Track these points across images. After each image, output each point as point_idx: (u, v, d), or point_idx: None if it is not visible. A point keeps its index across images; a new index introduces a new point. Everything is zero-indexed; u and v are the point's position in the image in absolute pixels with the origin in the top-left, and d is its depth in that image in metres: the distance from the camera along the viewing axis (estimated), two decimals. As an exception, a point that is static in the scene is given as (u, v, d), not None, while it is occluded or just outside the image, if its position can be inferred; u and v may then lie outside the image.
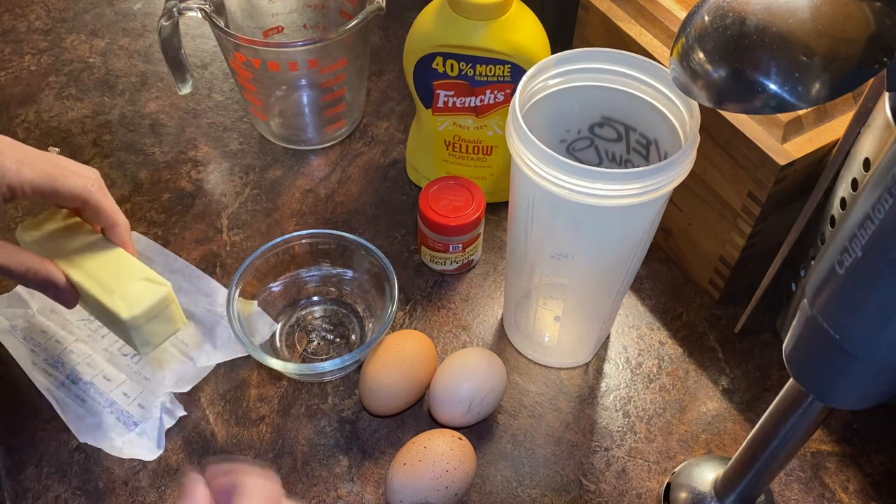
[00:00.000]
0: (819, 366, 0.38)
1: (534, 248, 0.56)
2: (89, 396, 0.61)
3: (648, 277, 0.70)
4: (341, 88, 0.74)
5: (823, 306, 0.36)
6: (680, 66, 0.45)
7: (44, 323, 0.65)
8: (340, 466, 0.59)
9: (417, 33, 0.64)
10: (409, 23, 0.65)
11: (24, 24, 0.90)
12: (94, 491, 0.58)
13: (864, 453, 0.60)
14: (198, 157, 0.78)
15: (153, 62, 0.87)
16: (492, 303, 0.69)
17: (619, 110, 0.56)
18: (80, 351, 0.63)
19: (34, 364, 0.63)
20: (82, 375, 0.62)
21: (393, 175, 0.77)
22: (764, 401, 0.63)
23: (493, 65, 0.62)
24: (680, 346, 0.66)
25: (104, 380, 0.62)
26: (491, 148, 0.70)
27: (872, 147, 0.52)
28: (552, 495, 0.58)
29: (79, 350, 0.63)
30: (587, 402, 0.63)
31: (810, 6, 0.41)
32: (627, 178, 0.47)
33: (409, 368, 0.59)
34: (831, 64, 0.40)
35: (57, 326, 0.65)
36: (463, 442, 0.56)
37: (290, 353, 0.65)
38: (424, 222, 0.66)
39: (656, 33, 0.64)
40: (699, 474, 0.57)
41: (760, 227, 0.61)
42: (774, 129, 0.56)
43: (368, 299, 0.65)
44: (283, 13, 0.77)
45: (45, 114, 0.81)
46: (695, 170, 0.59)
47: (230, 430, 0.61)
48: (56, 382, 0.62)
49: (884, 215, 0.32)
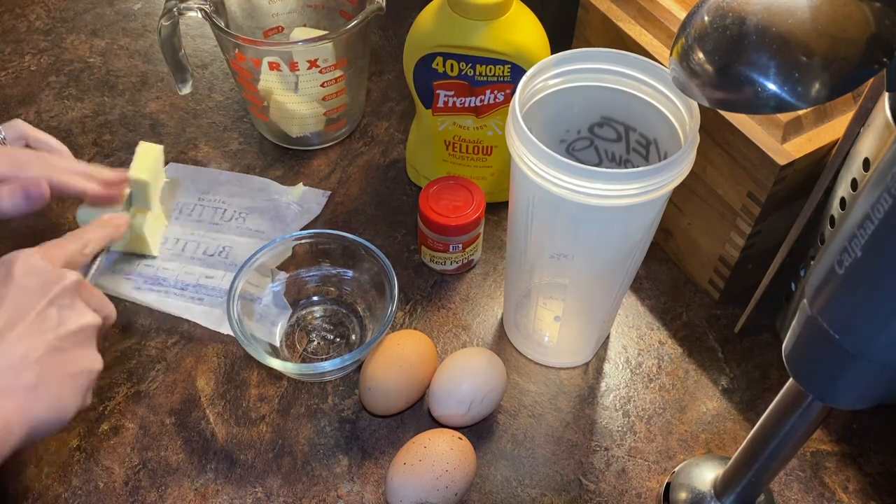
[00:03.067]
0: (819, 366, 0.38)
1: (534, 248, 0.56)
2: (205, 294, 0.68)
3: (648, 277, 0.70)
4: (341, 88, 0.74)
5: (823, 306, 0.36)
6: (680, 66, 0.45)
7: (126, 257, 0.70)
8: (340, 466, 0.59)
9: (417, 33, 0.64)
10: (409, 23, 0.65)
11: (25, 24, 0.90)
12: (94, 491, 0.58)
13: (863, 453, 0.60)
14: (198, 157, 0.78)
15: (153, 62, 0.87)
16: (492, 303, 0.69)
17: (618, 110, 0.56)
18: (171, 267, 0.69)
19: (138, 289, 0.68)
20: (188, 282, 0.68)
21: (393, 175, 0.77)
22: (764, 401, 0.63)
23: (493, 65, 0.62)
24: (680, 345, 0.66)
25: (207, 279, 0.69)
26: (491, 148, 0.70)
27: (872, 147, 0.52)
28: (552, 495, 0.58)
29: (171, 266, 0.69)
30: (587, 401, 0.63)
31: (810, 6, 0.41)
32: (627, 178, 0.47)
33: (409, 368, 0.59)
34: (831, 64, 0.40)
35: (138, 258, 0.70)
36: (463, 442, 0.56)
37: (290, 352, 0.65)
38: (424, 222, 0.66)
39: (656, 33, 0.64)
40: (699, 474, 0.57)
41: (760, 227, 0.61)
42: (774, 129, 0.56)
43: (368, 299, 0.65)
44: (283, 13, 0.78)
45: (45, 114, 0.81)
46: (694, 170, 0.59)
47: (230, 430, 0.61)
48: (169, 295, 0.67)
49: (883, 215, 0.32)
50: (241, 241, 0.71)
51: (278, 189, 0.74)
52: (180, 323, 0.66)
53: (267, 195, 0.74)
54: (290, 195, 0.74)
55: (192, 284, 0.68)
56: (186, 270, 0.69)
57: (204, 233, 0.72)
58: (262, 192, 0.74)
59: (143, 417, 0.61)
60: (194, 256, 0.70)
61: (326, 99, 0.74)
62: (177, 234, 0.71)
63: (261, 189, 0.75)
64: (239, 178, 0.76)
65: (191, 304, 0.67)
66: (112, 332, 0.65)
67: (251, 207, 0.73)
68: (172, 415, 0.61)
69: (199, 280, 0.68)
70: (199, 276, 0.69)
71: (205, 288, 0.68)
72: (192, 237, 0.71)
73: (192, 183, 0.75)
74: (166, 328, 0.66)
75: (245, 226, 0.72)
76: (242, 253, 0.70)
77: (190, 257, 0.70)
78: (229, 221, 0.72)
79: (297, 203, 0.73)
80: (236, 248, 0.71)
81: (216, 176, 0.76)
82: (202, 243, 0.71)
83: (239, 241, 0.71)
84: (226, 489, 0.58)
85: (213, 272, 0.69)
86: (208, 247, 0.71)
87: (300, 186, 0.74)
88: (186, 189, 0.75)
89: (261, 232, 0.72)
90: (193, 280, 0.68)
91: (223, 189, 0.75)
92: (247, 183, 0.75)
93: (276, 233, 0.71)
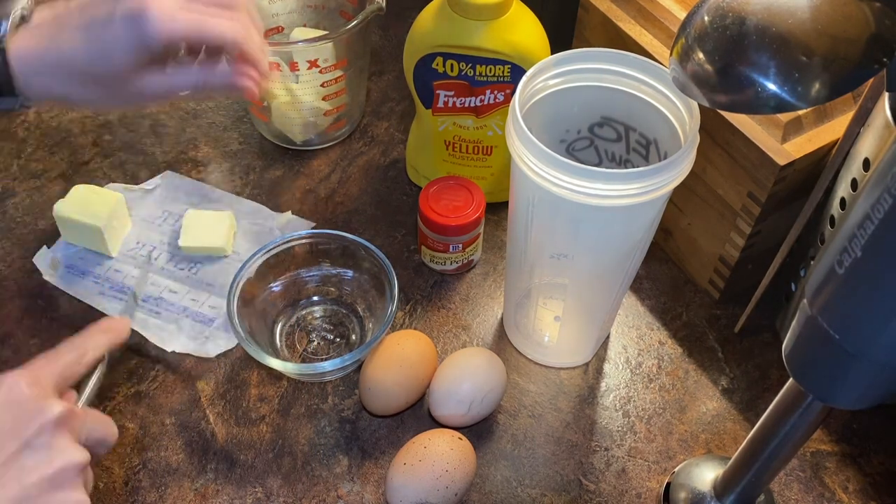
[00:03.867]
0: (819, 366, 0.39)
1: (534, 248, 0.56)
2: (163, 308, 0.67)
3: (648, 277, 0.70)
4: (341, 88, 0.74)
5: (823, 306, 0.36)
6: (680, 67, 0.45)
7: (98, 258, 0.70)
8: (340, 466, 0.59)
9: (417, 33, 0.64)
10: (409, 23, 0.65)
11: (25, 24, 0.90)
12: (94, 491, 0.58)
13: (863, 453, 0.60)
14: (198, 157, 0.78)
15: (153, 62, 0.87)
16: (492, 303, 0.69)
17: (618, 110, 0.56)
18: (139, 275, 0.69)
19: (102, 294, 0.67)
20: (150, 293, 0.68)
21: (393, 175, 0.77)
22: (764, 401, 0.63)
23: (493, 65, 0.62)
24: (680, 345, 0.66)
25: (171, 293, 0.68)
26: (491, 148, 0.70)
27: (872, 147, 0.52)
28: (552, 495, 0.58)
29: (138, 275, 0.69)
30: (587, 401, 0.63)
31: (810, 6, 0.41)
32: (627, 178, 0.47)
33: (409, 368, 0.59)
34: (831, 64, 0.40)
35: (111, 261, 0.70)
36: (463, 442, 0.56)
37: (290, 353, 0.65)
38: (424, 222, 0.66)
39: (656, 33, 0.64)
40: (699, 474, 0.57)
41: (760, 227, 0.61)
42: (774, 129, 0.56)
43: (368, 299, 0.65)
44: (283, 13, 0.78)
45: (45, 114, 0.81)
46: (694, 170, 0.59)
47: (230, 430, 0.61)
48: (128, 304, 0.66)
49: (883, 215, 0.32)
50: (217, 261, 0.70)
51: (267, 215, 0.73)
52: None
53: (254, 218, 0.73)
54: (276, 221, 0.72)
55: (155, 297, 0.67)
56: (151, 280, 0.68)
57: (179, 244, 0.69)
58: (251, 214, 0.73)
59: (143, 417, 0.61)
60: (163, 267, 0.69)
61: (326, 99, 0.74)
62: (153, 241, 0.71)
63: (250, 212, 0.73)
64: (231, 198, 0.74)
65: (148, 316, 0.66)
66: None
67: (237, 228, 0.72)
68: (172, 415, 0.61)
69: (162, 293, 0.68)
70: (163, 289, 0.68)
71: (164, 301, 0.67)
72: (165, 248, 0.70)
73: (185, 195, 0.74)
74: (166, 328, 0.66)
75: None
76: (213, 273, 0.69)
77: (160, 268, 0.69)
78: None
79: (279, 230, 0.72)
80: (206, 266, 0.69)
81: (209, 192, 0.75)
82: (175, 255, 0.70)
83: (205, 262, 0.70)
84: (226, 489, 0.58)
85: (178, 286, 0.68)
86: (180, 259, 0.70)
87: (287, 214, 0.73)
88: (176, 199, 0.74)
89: (237, 254, 0.70)
90: (157, 292, 0.68)
91: (213, 206, 0.73)
92: (237, 204, 0.74)
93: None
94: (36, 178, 0.76)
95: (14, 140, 0.79)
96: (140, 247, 0.71)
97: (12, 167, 0.76)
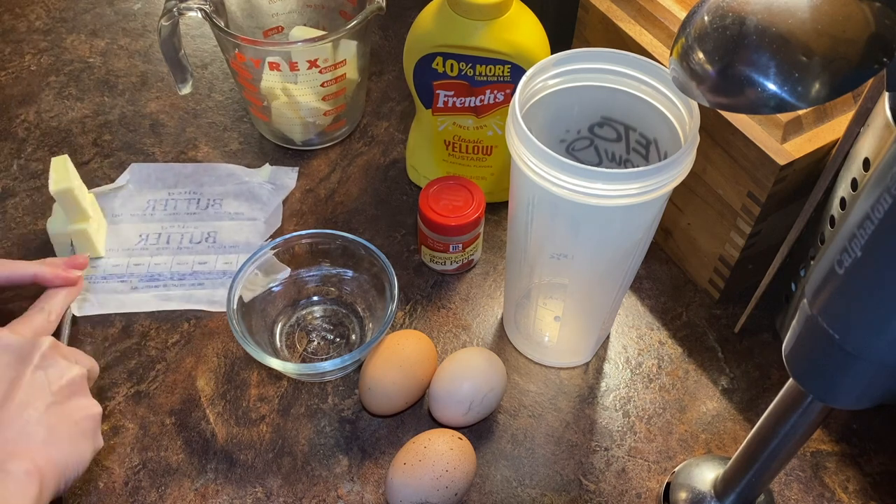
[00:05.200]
0: (819, 366, 0.38)
1: (534, 248, 0.56)
2: (204, 279, 0.69)
3: (648, 277, 0.70)
4: (341, 88, 0.74)
5: (823, 306, 0.36)
6: (680, 66, 0.45)
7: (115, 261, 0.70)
8: (340, 466, 0.59)
9: (417, 33, 0.64)
10: (409, 23, 0.65)
11: (25, 24, 0.90)
12: (94, 491, 0.58)
13: (863, 453, 0.60)
14: (198, 157, 0.78)
15: (153, 62, 0.87)
16: (492, 303, 0.69)
17: (618, 110, 0.56)
18: (162, 262, 0.70)
19: (134, 289, 0.68)
20: (184, 271, 0.69)
21: (393, 175, 0.77)
22: (764, 401, 0.63)
23: (493, 65, 0.62)
24: (680, 345, 0.66)
25: (201, 265, 0.70)
26: (491, 148, 0.70)
27: (872, 147, 0.52)
28: (552, 495, 0.58)
29: (161, 261, 0.70)
30: (587, 401, 0.63)
31: (810, 6, 0.41)
32: (627, 178, 0.47)
33: (409, 368, 0.59)
34: (831, 64, 0.40)
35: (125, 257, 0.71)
36: (463, 442, 0.56)
37: (290, 353, 0.65)
38: (424, 222, 0.66)
39: (656, 33, 0.64)
40: (699, 474, 0.57)
41: (760, 227, 0.61)
42: (774, 129, 0.56)
43: (368, 299, 0.65)
44: (283, 13, 0.78)
45: (45, 114, 0.81)
46: (694, 170, 0.59)
47: (230, 430, 0.61)
48: (169, 288, 0.68)
49: (883, 215, 0.32)
50: (223, 225, 0.72)
51: (247, 172, 0.76)
52: (180, 323, 0.66)
53: (236, 179, 0.75)
54: (259, 176, 0.75)
55: (189, 273, 0.69)
56: (178, 261, 0.70)
57: (184, 223, 0.72)
58: (231, 176, 0.76)
59: (143, 417, 0.61)
60: (181, 246, 0.71)
61: (326, 99, 0.74)
62: (156, 230, 0.72)
63: (229, 174, 0.76)
64: (204, 167, 0.76)
65: (193, 290, 0.68)
66: (115, 335, 0.65)
67: (223, 192, 0.74)
68: (172, 415, 0.61)
69: (194, 267, 0.69)
70: (193, 263, 0.70)
71: (202, 273, 0.69)
72: (173, 229, 0.72)
73: (158, 180, 0.76)
74: (166, 328, 0.66)
75: (223, 210, 0.73)
76: (228, 235, 0.71)
77: (177, 248, 0.71)
78: (206, 209, 0.73)
79: (268, 182, 0.75)
80: (221, 232, 0.72)
81: (181, 169, 0.76)
82: (185, 233, 0.72)
83: (222, 226, 0.72)
84: (226, 489, 0.58)
85: (206, 258, 0.70)
86: (192, 235, 0.72)
87: (267, 167, 0.76)
88: (153, 186, 0.75)
89: (240, 213, 0.73)
90: (188, 269, 0.69)
91: (190, 180, 0.75)
92: (212, 171, 0.76)
93: (255, 212, 0.73)
94: (36, 178, 0.76)
95: (14, 140, 0.79)
96: (145, 239, 0.71)
97: (12, 167, 0.76)
